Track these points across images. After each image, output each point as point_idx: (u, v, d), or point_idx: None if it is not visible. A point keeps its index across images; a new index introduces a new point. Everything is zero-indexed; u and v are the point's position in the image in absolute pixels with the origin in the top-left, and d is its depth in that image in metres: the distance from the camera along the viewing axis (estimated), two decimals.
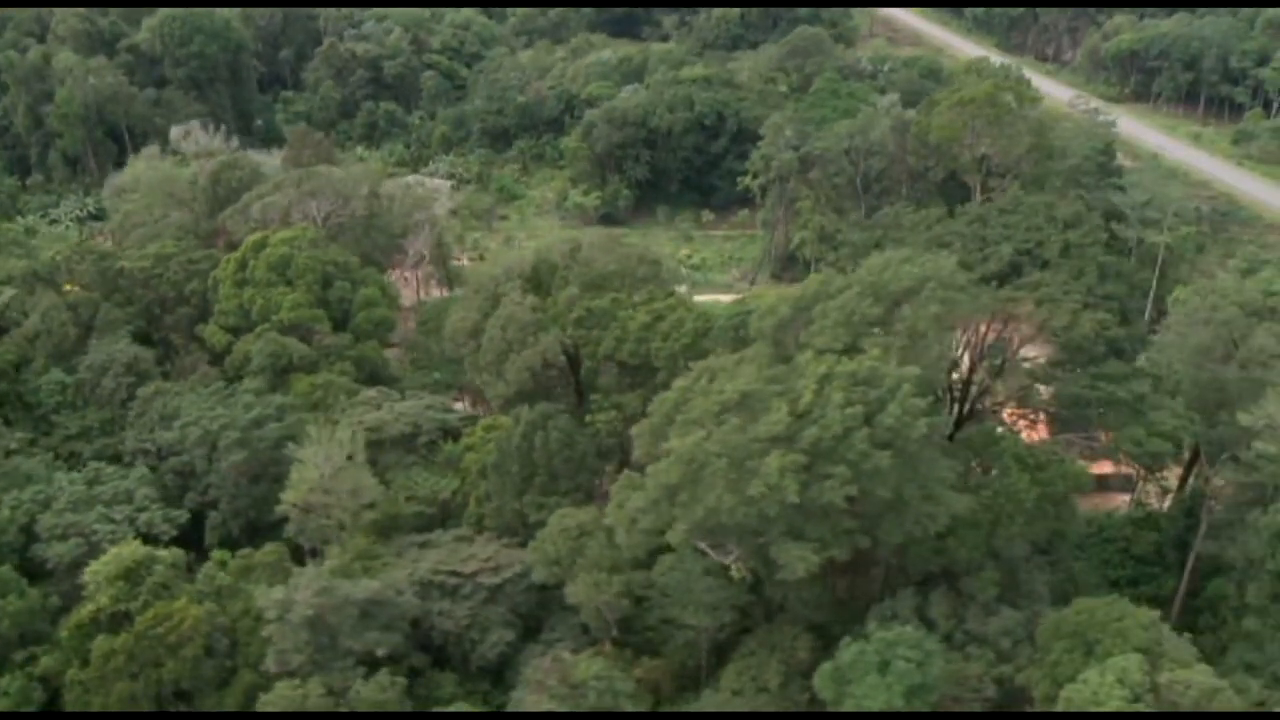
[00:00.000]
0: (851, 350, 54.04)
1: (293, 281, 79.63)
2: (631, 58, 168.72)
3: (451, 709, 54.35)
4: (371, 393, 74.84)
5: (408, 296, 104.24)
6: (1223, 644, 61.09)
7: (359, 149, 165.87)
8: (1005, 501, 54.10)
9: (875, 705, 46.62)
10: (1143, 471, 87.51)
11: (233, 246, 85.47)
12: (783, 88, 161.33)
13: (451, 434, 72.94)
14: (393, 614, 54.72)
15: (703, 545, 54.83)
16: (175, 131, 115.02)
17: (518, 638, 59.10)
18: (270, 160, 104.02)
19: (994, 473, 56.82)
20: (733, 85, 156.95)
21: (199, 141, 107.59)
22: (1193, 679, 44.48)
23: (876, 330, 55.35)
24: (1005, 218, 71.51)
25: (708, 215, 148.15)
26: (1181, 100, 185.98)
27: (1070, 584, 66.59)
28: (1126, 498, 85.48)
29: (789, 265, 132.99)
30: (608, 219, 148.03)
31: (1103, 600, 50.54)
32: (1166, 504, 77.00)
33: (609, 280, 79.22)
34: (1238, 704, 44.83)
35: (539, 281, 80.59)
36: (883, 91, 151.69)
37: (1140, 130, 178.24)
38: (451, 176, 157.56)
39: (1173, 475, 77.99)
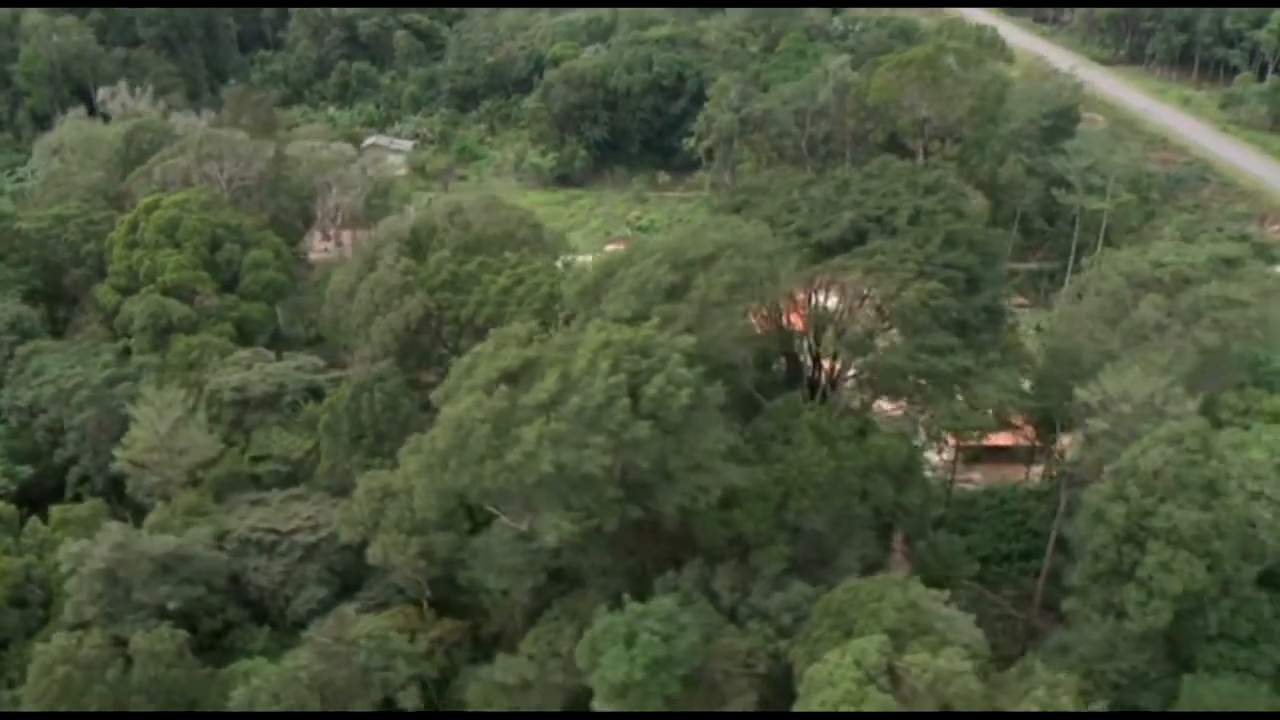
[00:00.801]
0: (640, 319, 54.50)
1: (180, 244, 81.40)
2: (601, 17, 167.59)
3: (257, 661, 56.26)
4: (245, 353, 76.56)
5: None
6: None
7: (331, 109, 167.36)
8: (797, 474, 54.40)
9: (616, 677, 47.61)
10: (1039, 444, 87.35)
11: None
12: (752, 48, 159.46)
13: (316, 394, 74.47)
14: (196, 568, 56.65)
15: (492, 509, 55.95)
16: (103, 92, 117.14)
17: (333, 595, 60.83)
18: (199, 123, 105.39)
19: None
20: (698, 45, 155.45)
21: (125, 103, 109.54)
22: (931, 662, 44.76)
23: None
24: (867, 182, 70.50)
25: (664, 177, 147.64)
26: (1175, 63, 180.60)
27: (933, 557, 67.16)
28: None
29: None
30: (564, 180, 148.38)
31: (873, 580, 50.70)
32: None
33: (485, 244, 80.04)
34: (975, 689, 44.87)
35: (418, 244, 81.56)
36: (852, 51, 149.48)
37: (1127, 94, 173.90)
38: (416, 136, 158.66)
39: None
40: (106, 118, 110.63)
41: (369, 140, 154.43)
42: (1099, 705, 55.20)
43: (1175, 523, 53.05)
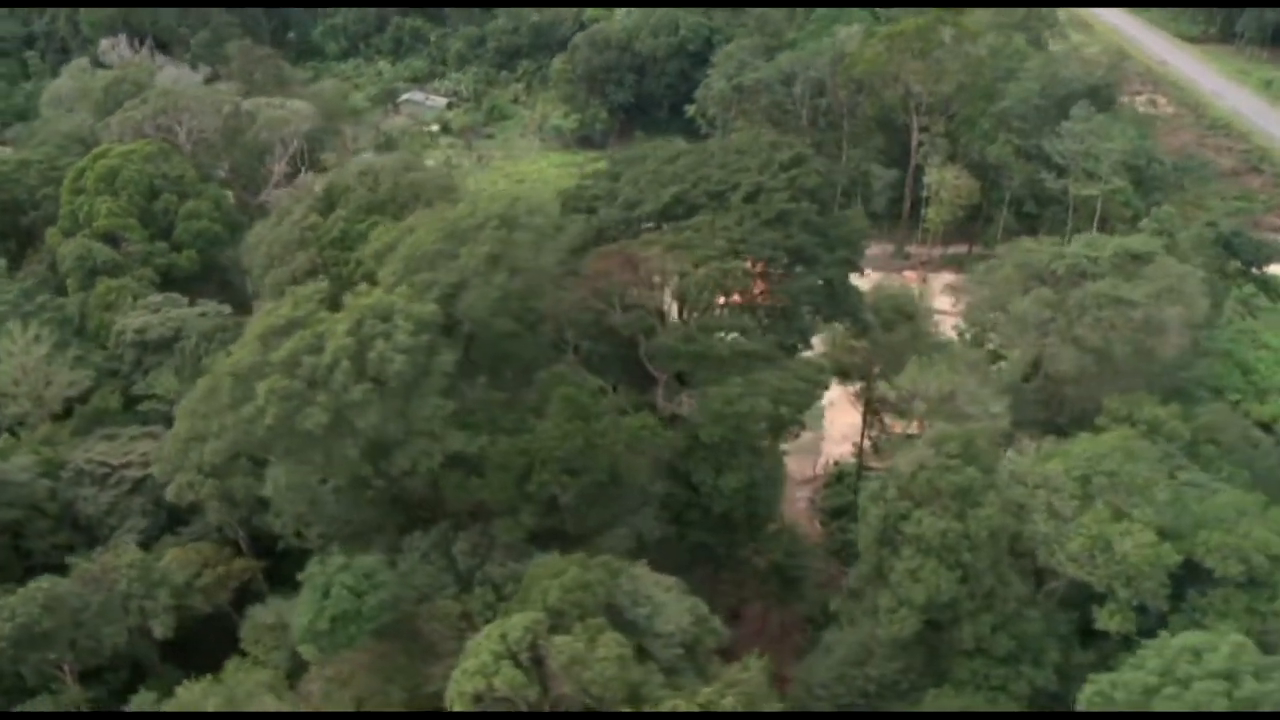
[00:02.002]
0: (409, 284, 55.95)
1: (118, 192, 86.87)
2: None
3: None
4: (157, 298, 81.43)
5: None
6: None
7: (381, 63, 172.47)
8: (540, 446, 55.05)
9: (301, 624, 49.96)
10: None
11: None
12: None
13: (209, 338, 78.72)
14: (15, 493, 61.61)
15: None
16: (104, 44, 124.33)
17: (157, 529, 65.03)
18: (195, 77, 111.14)
19: None
20: (733, 10, 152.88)
21: (122, 55, 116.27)
22: (570, 645, 45.25)
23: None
24: (726, 156, 69.45)
25: (682, 143, 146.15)
26: (1267, 42, 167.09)
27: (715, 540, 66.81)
28: None
29: None
30: (585, 142, 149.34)
31: (567, 558, 51.03)
32: None
33: (388, 204, 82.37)
34: (613, 674, 44.92)
35: (330, 202, 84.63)
36: (886, 21, 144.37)
37: (1204, 74, 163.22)
38: (455, 94, 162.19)
39: None
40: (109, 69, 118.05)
41: (404, 96, 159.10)
42: (822, 706, 54.64)
43: (924, 530, 51.40)
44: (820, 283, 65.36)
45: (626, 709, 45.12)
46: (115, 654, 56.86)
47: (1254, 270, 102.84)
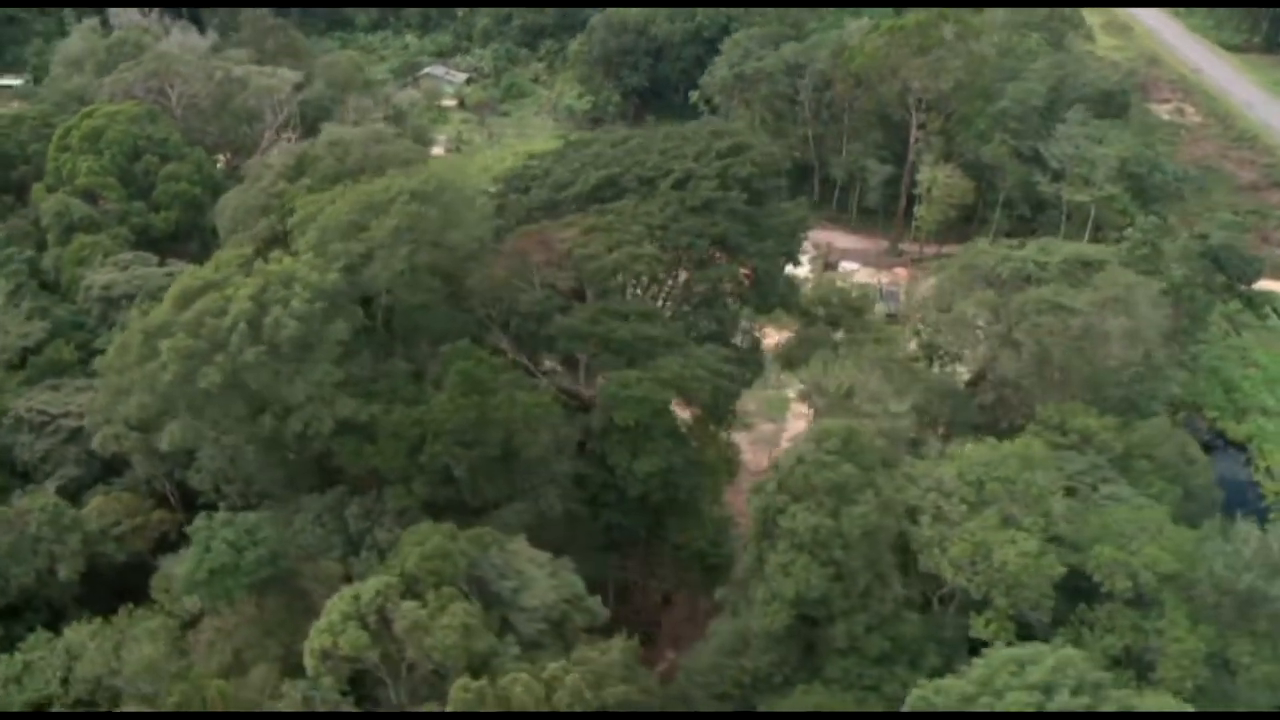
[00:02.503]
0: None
1: (101, 151, 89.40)
2: None
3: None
4: (127, 255, 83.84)
5: None
6: None
7: (409, 36, 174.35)
8: (433, 418, 56.02)
9: (183, 575, 51.61)
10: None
11: None
12: None
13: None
14: None
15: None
16: (111, 10, 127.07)
17: (90, 477, 67.33)
18: (202, 43, 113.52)
19: None
20: None
21: (131, 19, 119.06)
22: (414, 611, 46.35)
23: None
24: (667, 142, 69.52)
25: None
26: None
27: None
28: None
29: None
30: (597, 123, 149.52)
31: (434, 527, 51.86)
32: None
33: (354, 175, 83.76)
34: (451, 643, 45.90)
35: (300, 170, 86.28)
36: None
37: (1238, 85, 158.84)
38: (476, 69, 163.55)
39: None
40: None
41: (425, 70, 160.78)
42: (699, 695, 54.98)
43: (797, 524, 51.42)
44: (746, 272, 65.21)
45: (469, 677, 45.94)
46: (26, 594, 59.08)
47: (1241, 286, 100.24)
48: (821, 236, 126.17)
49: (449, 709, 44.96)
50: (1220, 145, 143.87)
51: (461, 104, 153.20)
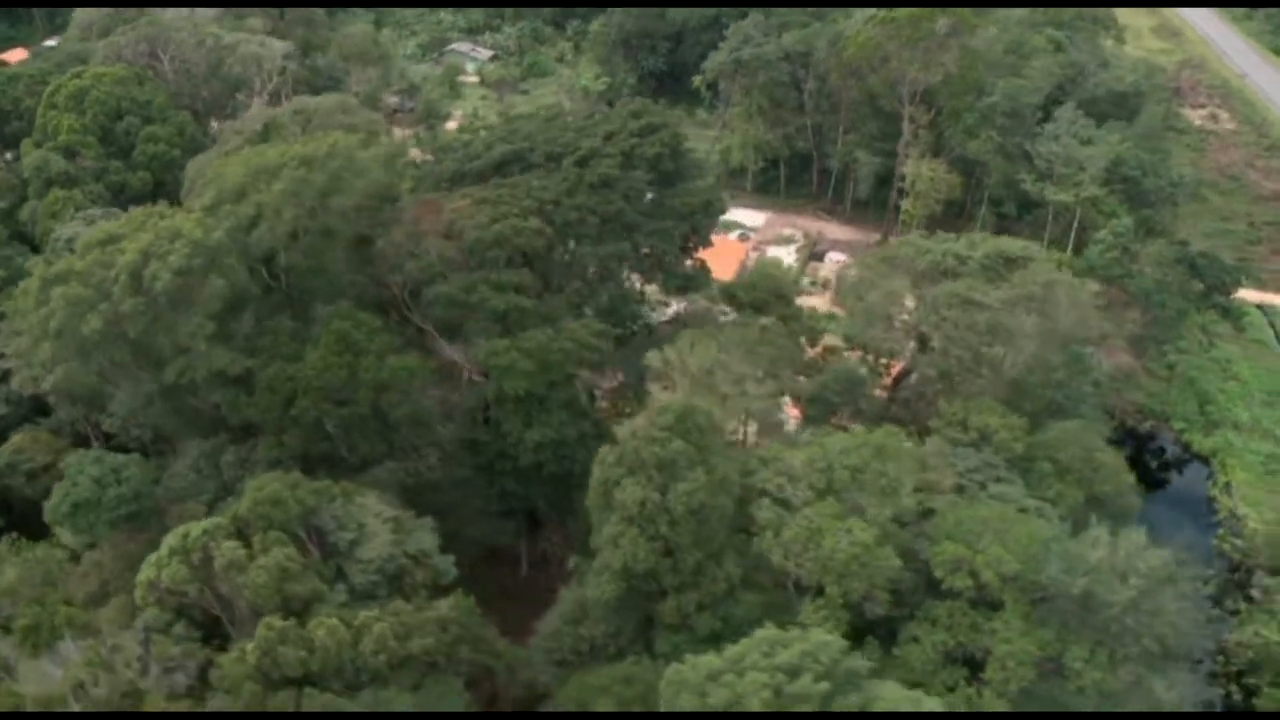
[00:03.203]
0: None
1: (84, 110, 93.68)
2: None
3: None
4: (97, 211, 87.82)
5: None
6: None
7: (442, 11, 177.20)
8: (306, 374, 58.13)
9: (49, 507, 54.70)
10: None
11: None
12: None
13: None
14: None
15: None
16: None
17: (18, 418, 71.31)
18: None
19: None
20: None
21: None
22: (234, 551, 48.52)
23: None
24: (589, 120, 70.43)
25: (703, 114, 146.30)
26: None
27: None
28: None
29: (739, 173, 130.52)
30: (611, 105, 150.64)
31: (276, 475, 53.85)
32: None
33: None
34: (263, 581, 47.92)
35: (266, 137, 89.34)
36: None
37: None
38: (502, 47, 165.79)
39: None
40: None
41: (450, 46, 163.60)
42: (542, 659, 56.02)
43: (625, 497, 52.25)
44: (645, 251, 65.90)
45: (279, 617, 47.89)
46: None
47: (1219, 295, 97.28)
48: (814, 226, 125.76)
49: (252, 645, 46.99)
50: (1249, 153, 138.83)
51: (483, 81, 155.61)
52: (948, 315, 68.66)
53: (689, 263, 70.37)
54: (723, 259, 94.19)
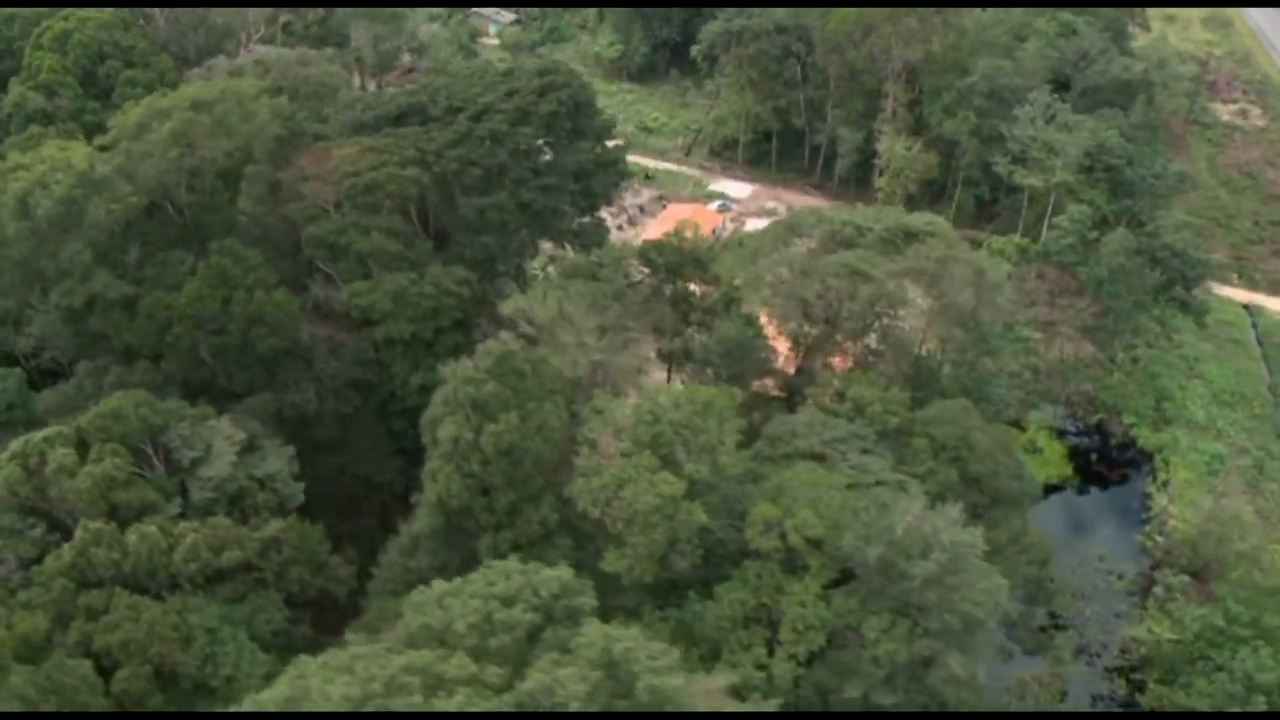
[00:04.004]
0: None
1: (67, 52, 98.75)
2: None
3: None
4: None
5: None
6: None
7: None
8: (182, 303, 61.42)
9: None
10: None
11: None
12: None
13: None
14: None
15: None
16: None
17: None
18: None
19: None
20: None
21: None
22: (61, 456, 52.14)
23: None
24: (496, 77, 71.93)
25: (710, 85, 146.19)
26: None
27: None
28: None
29: (731, 145, 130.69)
30: (622, 73, 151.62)
31: (129, 394, 57.12)
32: None
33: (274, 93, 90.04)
34: (87, 483, 51.51)
35: None
36: None
37: None
38: (526, 12, 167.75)
39: None
40: None
41: (474, 10, 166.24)
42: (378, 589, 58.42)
43: (441, 435, 54.21)
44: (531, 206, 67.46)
45: (102, 522, 51.24)
46: None
47: (1180, 289, 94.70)
48: (799, 201, 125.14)
49: (69, 545, 50.42)
50: (1271, 151, 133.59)
51: (503, 44, 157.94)
52: (833, 285, 68.75)
53: (583, 220, 71.67)
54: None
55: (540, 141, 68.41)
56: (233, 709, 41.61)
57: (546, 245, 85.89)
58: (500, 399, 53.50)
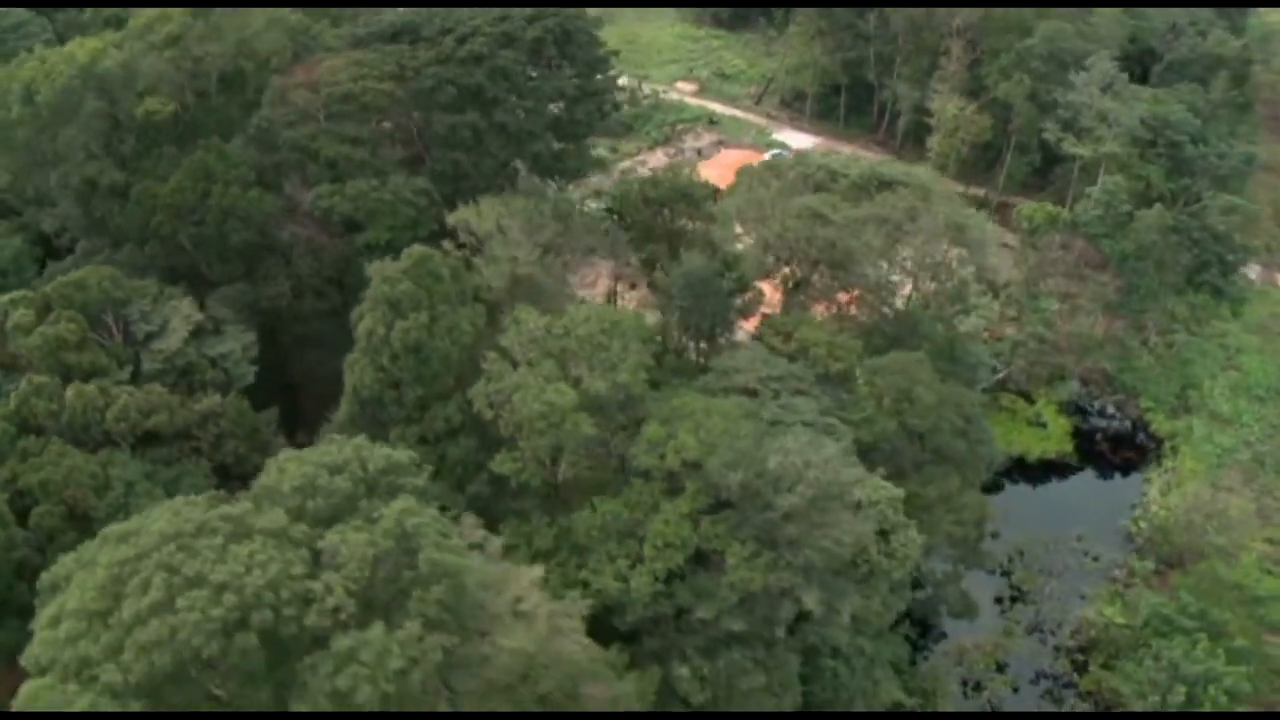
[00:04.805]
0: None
1: None
2: None
3: None
4: None
5: None
6: None
7: None
8: (165, 192, 66.82)
9: None
10: None
11: None
12: None
13: None
14: None
15: None
16: None
17: None
18: None
19: None
20: None
21: None
22: (20, 316, 58.09)
23: None
24: (496, 8, 74.07)
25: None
26: None
27: None
28: None
29: (800, 97, 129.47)
30: (714, 19, 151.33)
31: (96, 268, 62.72)
32: None
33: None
34: (36, 341, 57.30)
35: None
36: None
37: None
38: None
39: None
40: None
41: None
42: None
43: (359, 330, 57.84)
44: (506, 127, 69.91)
45: (53, 377, 57.04)
46: None
47: (1210, 273, 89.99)
48: (859, 156, 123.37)
49: (14, 394, 56.40)
50: None
51: None
52: (791, 226, 68.85)
53: (561, 145, 73.68)
54: None
55: (522, 67, 70.35)
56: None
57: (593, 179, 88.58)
58: (412, 298, 56.57)
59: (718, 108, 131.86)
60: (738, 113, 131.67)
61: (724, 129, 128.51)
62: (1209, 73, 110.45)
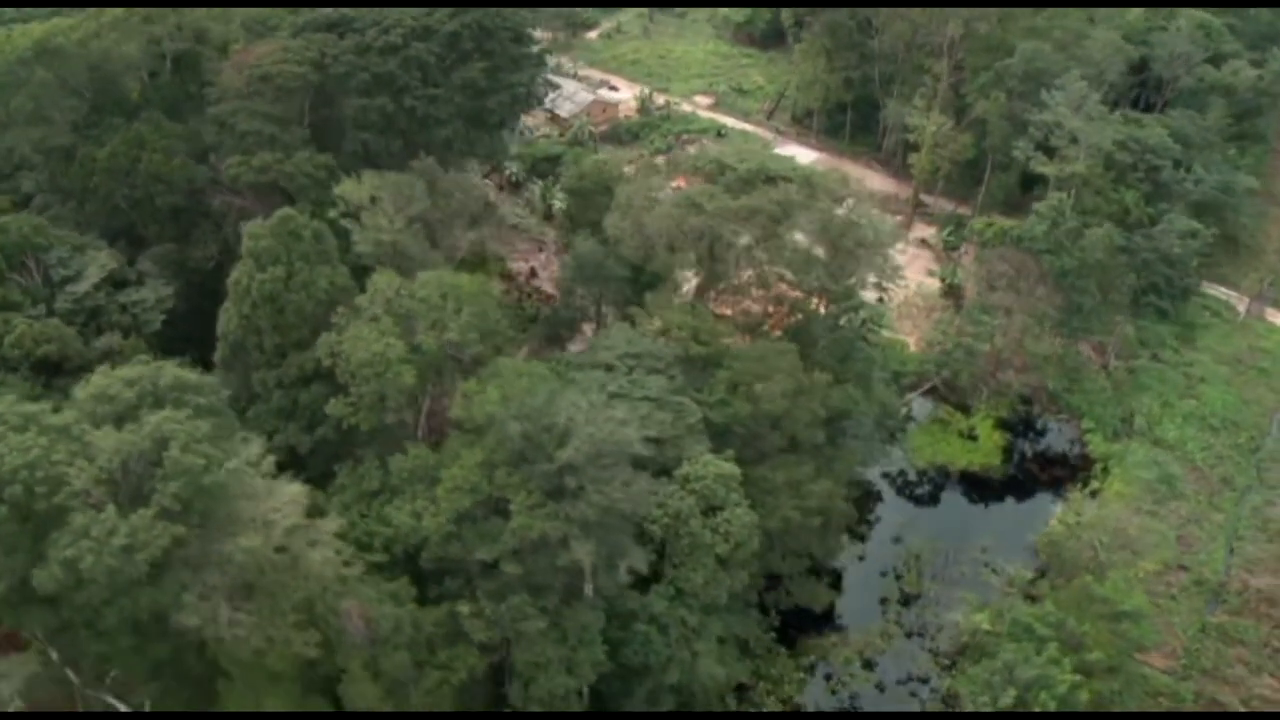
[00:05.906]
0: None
1: None
2: None
3: None
4: None
5: None
6: None
7: None
8: (101, 156, 74.43)
9: None
10: None
11: None
12: None
13: None
14: None
15: None
16: None
17: None
18: None
19: None
20: None
21: None
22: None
23: None
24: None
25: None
26: None
27: None
28: None
29: (809, 114, 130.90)
30: (747, 39, 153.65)
31: (22, 217, 70.34)
32: None
33: None
34: None
35: None
36: None
37: None
38: None
39: None
40: None
41: None
42: None
43: (231, 278, 63.54)
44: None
45: None
46: None
47: (1154, 296, 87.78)
48: (857, 174, 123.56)
49: None
50: None
51: None
52: (671, 214, 71.32)
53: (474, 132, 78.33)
54: None
55: (434, 58, 75.41)
56: None
57: None
58: (272, 253, 61.88)
59: (729, 121, 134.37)
60: (748, 127, 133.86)
61: (730, 142, 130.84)
62: (1220, 101, 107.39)
